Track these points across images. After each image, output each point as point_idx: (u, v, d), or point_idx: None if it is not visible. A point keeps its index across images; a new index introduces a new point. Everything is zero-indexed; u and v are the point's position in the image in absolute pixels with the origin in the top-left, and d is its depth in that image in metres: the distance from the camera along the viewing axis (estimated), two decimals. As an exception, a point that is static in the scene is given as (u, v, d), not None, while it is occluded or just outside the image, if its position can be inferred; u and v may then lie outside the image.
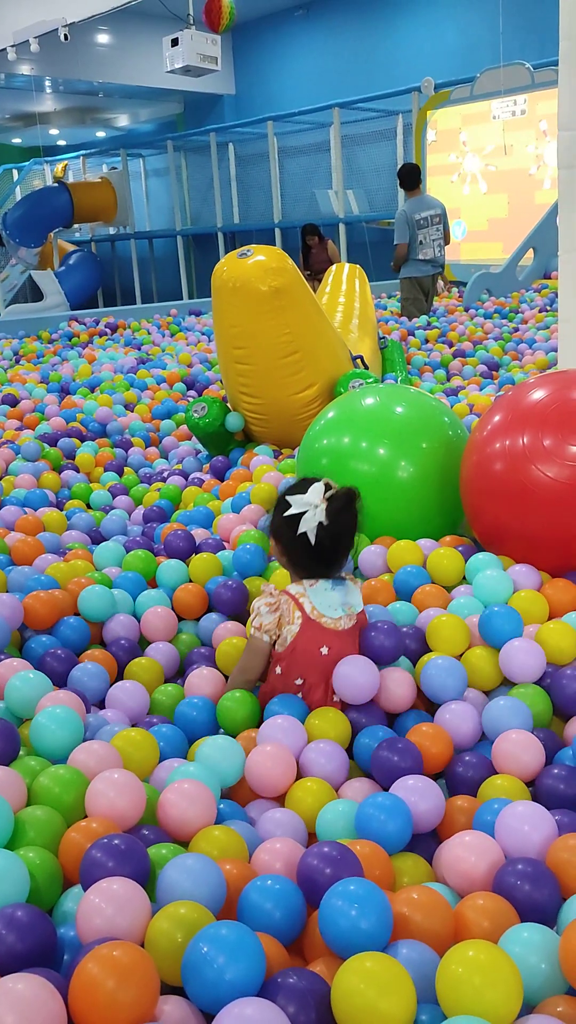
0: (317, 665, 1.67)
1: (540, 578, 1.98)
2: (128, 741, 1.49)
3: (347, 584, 1.74)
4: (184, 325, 8.02)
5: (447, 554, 2.09)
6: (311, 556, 1.68)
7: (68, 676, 1.81)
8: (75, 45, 9.75)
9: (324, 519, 1.65)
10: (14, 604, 1.91)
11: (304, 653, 1.67)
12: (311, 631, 1.67)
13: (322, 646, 1.67)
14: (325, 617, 1.67)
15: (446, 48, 11.31)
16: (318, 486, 1.68)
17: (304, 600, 1.68)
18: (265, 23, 13.29)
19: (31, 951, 1.04)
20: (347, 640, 1.70)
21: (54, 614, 1.96)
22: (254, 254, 3.34)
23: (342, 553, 1.72)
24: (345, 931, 1.06)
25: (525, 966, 1.03)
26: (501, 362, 5.41)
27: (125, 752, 1.46)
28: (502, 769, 1.51)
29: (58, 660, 1.83)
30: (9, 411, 4.71)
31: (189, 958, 1.00)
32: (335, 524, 1.66)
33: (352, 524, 1.70)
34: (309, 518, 1.65)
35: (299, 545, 1.67)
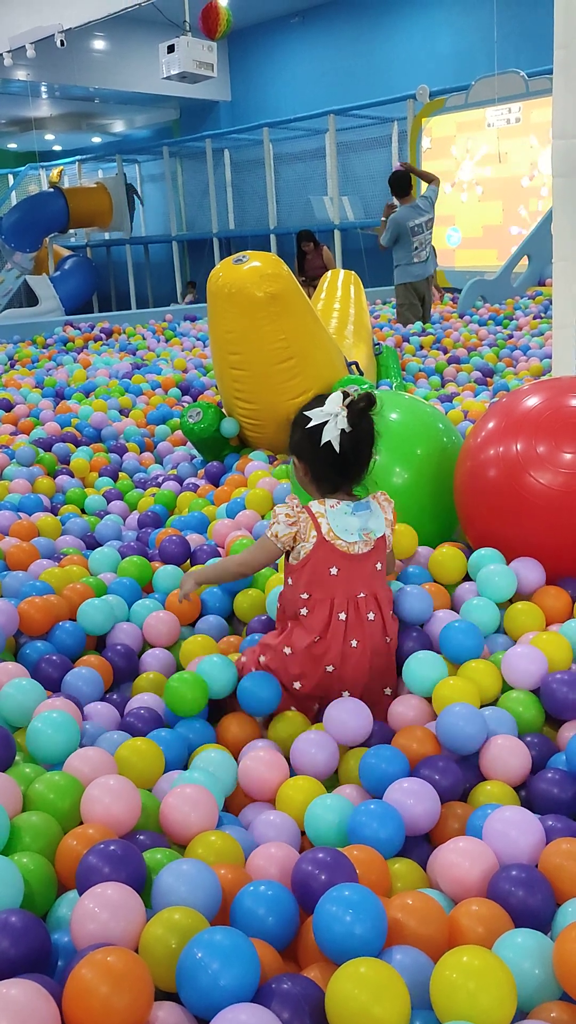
0: (324, 583, 1.71)
1: (543, 573, 1.99)
2: (133, 751, 1.49)
3: (371, 509, 1.76)
4: (179, 331, 8.02)
5: (450, 553, 2.09)
6: (335, 467, 1.71)
7: (62, 681, 1.80)
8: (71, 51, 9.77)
9: (346, 426, 1.67)
10: (9, 610, 1.90)
11: (313, 571, 1.71)
12: (323, 551, 1.70)
13: (332, 566, 1.70)
14: (340, 540, 1.70)
15: (441, 56, 11.37)
16: (336, 395, 1.69)
17: (322, 520, 1.71)
18: (261, 30, 13.34)
19: (25, 956, 1.03)
20: (359, 563, 1.72)
21: (49, 620, 1.96)
22: (249, 260, 3.35)
23: (364, 461, 1.74)
24: (339, 937, 1.06)
25: (519, 972, 1.03)
26: (495, 369, 5.43)
27: (129, 762, 1.47)
28: (490, 775, 1.52)
29: (53, 666, 1.83)
30: (4, 416, 4.71)
31: (183, 964, 1.00)
32: (357, 430, 1.68)
33: (372, 429, 1.72)
34: (331, 427, 1.67)
35: (322, 457, 1.69)
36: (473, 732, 1.53)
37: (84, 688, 1.78)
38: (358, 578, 1.73)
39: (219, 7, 7.83)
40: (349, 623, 1.72)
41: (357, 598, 1.73)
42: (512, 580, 1.94)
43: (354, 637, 1.72)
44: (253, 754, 1.56)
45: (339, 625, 1.71)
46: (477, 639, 1.78)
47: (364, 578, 1.73)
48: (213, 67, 8.09)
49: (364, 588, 1.73)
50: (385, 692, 1.80)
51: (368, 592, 1.74)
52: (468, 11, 10.86)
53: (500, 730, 1.58)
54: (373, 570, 1.75)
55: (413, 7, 11.64)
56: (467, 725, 1.53)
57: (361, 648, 1.72)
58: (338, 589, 1.71)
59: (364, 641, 1.73)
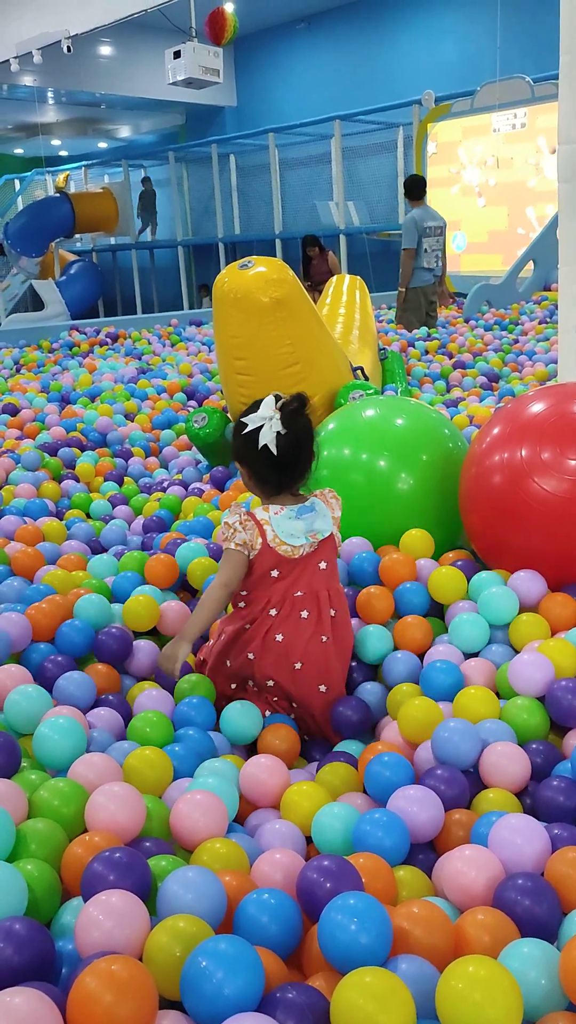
0: (264, 585, 1.77)
1: (544, 584, 1.98)
2: (142, 759, 1.48)
3: (315, 509, 1.80)
4: (185, 335, 8.03)
5: (448, 573, 2.08)
6: (275, 468, 1.76)
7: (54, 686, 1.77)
8: (78, 57, 9.80)
9: (281, 428, 1.72)
10: (21, 622, 1.90)
11: (255, 573, 1.77)
12: (267, 556, 1.76)
13: (272, 570, 1.77)
14: (285, 545, 1.76)
15: (447, 61, 11.38)
16: (269, 399, 1.75)
17: (267, 528, 1.76)
18: (267, 36, 13.38)
19: (29, 964, 1.03)
20: (302, 564, 1.77)
21: (54, 624, 1.96)
22: (255, 265, 3.36)
23: (304, 461, 1.78)
24: (344, 945, 1.05)
25: (525, 981, 1.03)
26: (501, 374, 5.42)
27: (138, 770, 1.46)
28: (490, 782, 1.52)
29: (58, 666, 1.82)
30: (9, 420, 4.72)
31: (188, 972, 1.00)
32: (292, 431, 1.73)
33: (309, 429, 1.77)
34: (267, 431, 1.72)
35: (262, 460, 1.74)
36: (468, 748, 1.54)
37: (76, 692, 1.74)
38: (299, 578, 1.77)
39: (225, 13, 7.86)
40: (278, 619, 1.77)
41: (294, 596, 1.77)
42: (514, 603, 1.93)
43: (280, 632, 1.77)
44: (254, 760, 1.56)
45: (266, 619, 1.77)
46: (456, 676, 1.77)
47: (305, 577, 1.78)
48: (219, 73, 8.11)
49: (304, 587, 1.78)
50: (319, 688, 1.80)
51: (307, 590, 1.78)
52: (474, 17, 10.88)
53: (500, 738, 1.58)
54: (316, 569, 1.79)
55: (418, 13, 11.66)
56: (462, 741, 1.54)
57: (285, 644, 1.76)
58: (275, 589, 1.77)
59: (288, 637, 1.76)
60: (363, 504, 2.31)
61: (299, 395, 1.76)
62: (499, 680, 1.80)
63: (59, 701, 1.73)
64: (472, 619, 1.92)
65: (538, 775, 1.55)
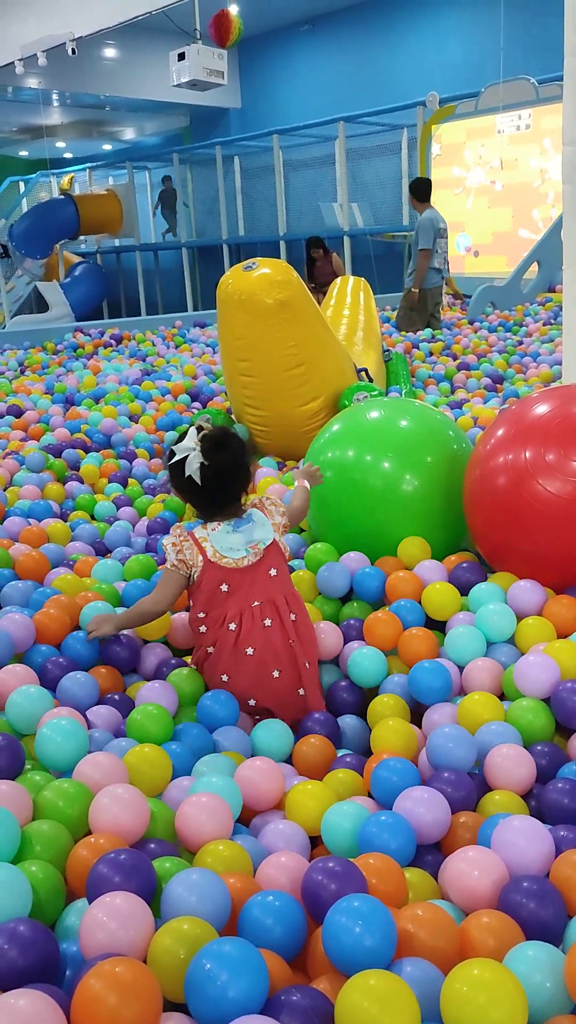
0: (217, 601, 1.80)
1: (545, 595, 1.97)
2: (141, 757, 1.48)
3: (253, 521, 1.85)
4: (189, 337, 8.04)
5: (442, 588, 2.07)
6: (202, 497, 1.83)
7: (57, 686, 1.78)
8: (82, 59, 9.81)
9: (203, 459, 1.78)
10: (26, 624, 1.90)
11: (206, 590, 1.81)
12: (212, 571, 1.80)
13: (222, 584, 1.80)
14: (226, 558, 1.80)
15: (451, 63, 11.37)
16: (192, 430, 1.82)
17: (206, 544, 1.81)
18: (271, 38, 13.38)
19: (33, 966, 1.03)
20: (250, 574, 1.81)
21: (64, 630, 1.96)
22: (259, 267, 3.36)
23: (233, 489, 1.84)
24: (349, 948, 1.05)
25: (530, 985, 1.02)
26: (505, 375, 5.42)
27: (138, 768, 1.46)
28: (496, 784, 1.51)
29: (60, 669, 1.83)
30: (14, 422, 4.72)
31: (192, 975, 1.00)
32: (213, 463, 1.78)
33: (233, 460, 1.82)
34: (191, 461, 1.79)
35: (189, 488, 1.81)
36: (463, 754, 1.54)
37: (79, 693, 1.75)
38: (251, 588, 1.80)
39: (230, 15, 7.86)
40: (242, 633, 1.78)
41: (252, 607, 1.79)
42: (511, 620, 1.92)
43: (249, 646, 1.78)
44: (249, 763, 1.56)
45: (230, 636, 1.78)
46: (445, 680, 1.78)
47: (258, 587, 1.80)
48: (223, 75, 8.10)
49: (259, 596, 1.80)
50: (299, 692, 1.83)
51: (264, 599, 1.80)
52: (477, 18, 10.86)
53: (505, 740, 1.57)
54: (267, 577, 1.82)
55: (423, 14, 11.66)
56: (457, 747, 1.54)
57: (258, 656, 1.78)
58: (230, 603, 1.79)
59: (259, 649, 1.78)
60: (368, 506, 2.30)
61: (221, 428, 1.84)
62: (505, 682, 1.79)
63: (62, 702, 1.73)
64: (468, 632, 1.90)
65: (543, 777, 1.55)
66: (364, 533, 2.31)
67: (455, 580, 2.17)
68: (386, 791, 1.47)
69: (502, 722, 1.63)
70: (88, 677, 1.78)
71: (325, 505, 2.40)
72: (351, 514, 2.33)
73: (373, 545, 2.29)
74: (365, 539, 2.31)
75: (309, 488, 2.17)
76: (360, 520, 2.32)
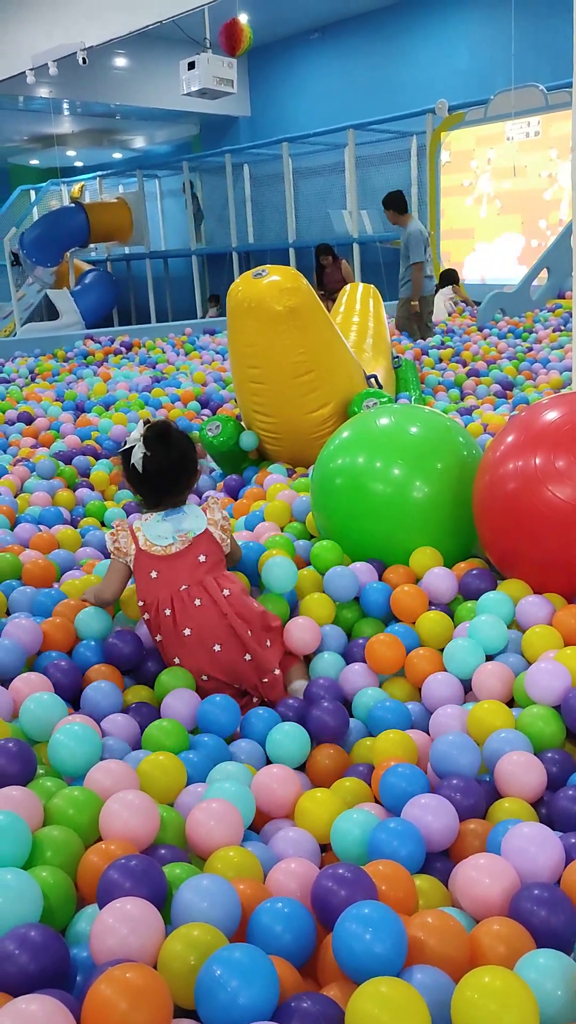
0: (149, 589, 1.90)
1: (552, 609, 1.96)
2: (155, 765, 1.49)
3: (184, 512, 1.97)
4: (199, 344, 8.06)
5: (434, 617, 2.05)
6: (144, 485, 1.95)
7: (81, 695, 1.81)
8: (93, 68, 9.86)
9: (146, 450, 1.90)
10: (33, 629, 1.91)
11: (139, 579, 1.92)
12: (143, 559, 1.92)
13: (151, 571, 1.90)
14: (155, 546, 1.91)
15: (460, 70, 11.40)
16: (140, 423, 1.95)
17: (139, 534, 1.93)
18: (281, 46, 13.43)
19: (44, 972, 1.03)
20: (178, 560, 1.91)
21: (71, 640, 1.98)
22: (269, 274, 3.37)
23: (172, 481, 1.95)
24: (359, 955, 1.05)
25: (541, 992, 1.02)
26: (515, 382, 5.42)
27: (151, 775, 1.47)
28: (505, 792, 1.51)
29: (62, 672, 1.83)
30: (24, 429, 4.75)
31: (202, 981, 1.00)
32: (156, 454, 1.90)
33: (174, 453, 1.93)
34: (136, 452, 1.91)
35: (133, 476, 1.94)
36: (466, 762, 1.53)
37: (102, 702, 1.78)
38: (178, 574, 1.90)
39: (241, 24, 7.90)
40: (176, 615, 1.88)
41: (180, 591, 1.89)
42: (502, 632, 1.91)
43: (186, 627, 1.88)
44: (266, 770, 1.56)
45: (167, 621, 1.88)
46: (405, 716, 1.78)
47: (186, 571, 1.90)
48: (233, 83, 8.15)
49: (187, 580, 1.90)
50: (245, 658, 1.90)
51: (191, 582, 1.90)
52: (487, 25, 10.89)
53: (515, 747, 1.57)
54: (195, 562, 1.92)
55: (431, 22, 11.69)
56: (461, 755, 1.53)
57: (196, 635, 1.88)
58: (160, 589, 1.89)
59: (196, 627, 1.88)
60: (378, 512, 2.30)
61: (162, 422, 1.96)
62: (516, 689, 1.79)
63: (86, 711, 1.75)
64: (467, 645, 1.89)
65: (554, 784, 1.54)
66: (374, 540, 2.31)
67: (464, 587, 2.16)
68: (395, 798, 1.47)
69: (512, 729, 1.62)
70: (111, 686, 1.80)
71: (335, 512, 2.40)
72: (361, 521, 2.33)
73: (383, 552, 2.29)
74: (375, 546, 2.31)
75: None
76: (370, 527, 2.32)
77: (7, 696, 1.69)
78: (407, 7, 11.86)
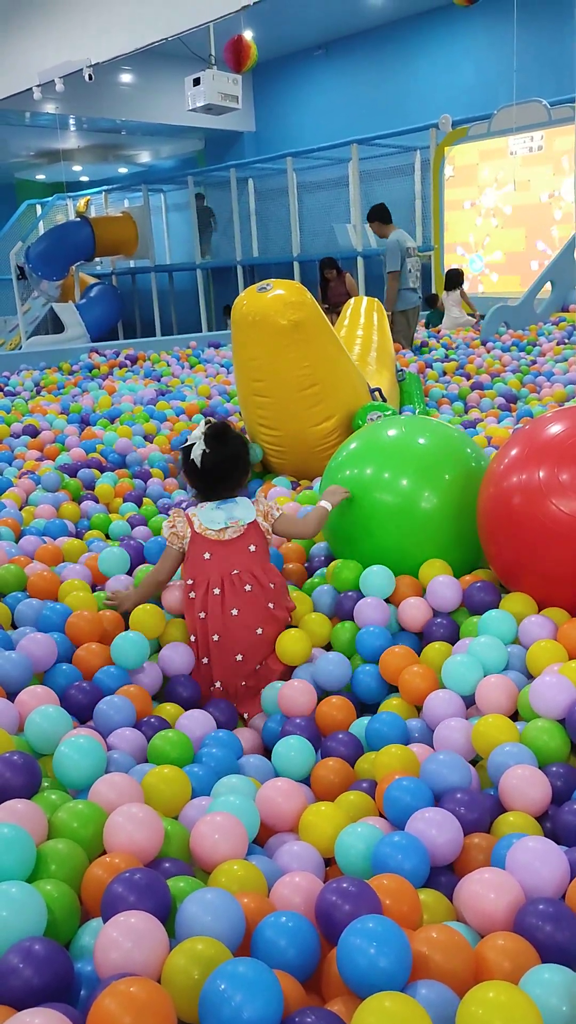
0: (200, 567, 2.09)
1: (554, 627, 1.96)
2: (160, 778, 1.49)
3: (237, 502, 2.16)
4: (203, 357, 8.09)
5: (438, 647, 2.04)
6: (201, 479, 2.16)
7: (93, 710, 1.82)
8: (99, 84, 9.93)
9: (205, 447, 2.11)
10: (47, 643, 1.92)
11: (191, 559, 2.11)
12: (197, 542, 2.11)
13: (204, 552, 2.09)
14: (209, 530, 2.11)
15: (463, 85, 11.46)
16: (201, 423, 2.17)
17: (195, 519, 2.13)
18: (285, 62, 13.53)
19: (48, 985, 1.03)
20: (231, 546, 2.10)
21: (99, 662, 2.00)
22: (273, 288, 3.38)
23: (227, 475, 2.16)
24: (363, 970, 1.05)
25: (546, 1008, 1.02)
26: (519, 395, 5.42)
27: (156, 788, 1.47)
28: (510, 806, 1.50)
29: (83, 693, 1.84)
30: (30, 442, 4.76)
31: (206, 995, 0.99)
32: (213, 451, 2.12)
33: (230, 451, 2.15)
34: (196, 449, 2.13)
35: (192, 471, 2.16)
36: (457, 781, 1.53)
37: (115, 716, 1.79)
38: (231, 558, 2.09)
39: (246, 41, 7.96)
40: (225, 596, 2.06)
41: (232, 575, 2.07)
42: (502, 653, 1.90)
43: (234, 607, 2.06)
44: (271, 783, 1.55)
45: (216, 599, 2.05)
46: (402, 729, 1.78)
47: (238, 557, 2.09)
48: (238, 99, 8.20)
49: (238, 566, 2.09)
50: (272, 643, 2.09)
51: (242, 569, 2.09)
52: (490, 41, 10.96)
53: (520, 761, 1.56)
54: (246, 551, 2.11)
55: (435, 38, 11.77)
56: (451, 774, 1.53)
57: (242, 616, 2.06)
58: (212, 570, 2.08)
59: (243, 608, 2.07)
60: (386, 523, 2.31)
61: (221, 422, 2.19)
62: (520, 702, 1.79)
63: (96, 725, 1.76)
64: (466, 661, 1.89)
65: (559, 798, 1.54)
66: (382, 550, 2.31)
67: (468, 599, 2.16)
68: (399, 812, 1.46)
69: (517, 743, 1.62)
70: (124, 700, 1.81)
71: (343, 522, 2.40)
72: (369, 531, 2.33)
73: (391, 562, 2.29)
74: (383, 556, 2.31)
75: (329, 508, 2.30)
76: (378, 537, 2.32)
77: (13, 709, 1.70)
78: (410, 23, 11.95)
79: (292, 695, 1.93)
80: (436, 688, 1.90)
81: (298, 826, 1.51)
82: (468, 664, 1.87)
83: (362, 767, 1.74)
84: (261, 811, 1.52)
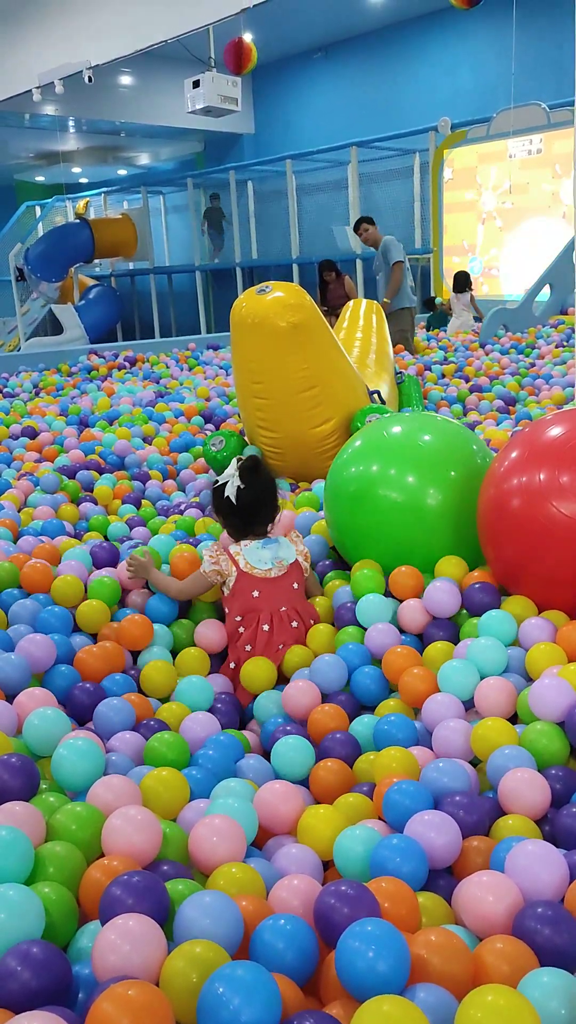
0: (250, 605, 2.15)
1: (554, 630, 1.96)
2: (158, 780, 1.48)
3: (280, 542, 2.22)
4: (202, 359, 8.09)
5: (440, 647, 2.04)
6: (238, 515, 2.20)
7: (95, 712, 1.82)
8: (98, 86, 9.94)
9: (241, 483, 2.16)
10: (46, 644, 1.91)
11: (239, 596, 2.16)
12: (244, 580, 2.15)
13: (253, 590, 2.15)
14: (256, 569, 2.16)
15: (463, 88, 11.49)
16: (234, 461, 2.22)
17: (239, 557, 2.17)
18: (284, 65, 13.55)
19: (45, 988, 1.03)
20: (278, 584, 2.17)
21: (106, 668, 2.00)
22: (272, 290, 3.39)
23: (263, 511, 2.21)
24: (362, 973, 1.04)
25: (545, 1012, 1.01)
26: (518, 397, 5.43)
27: (154, 791, 1.46)
28: (509, 809, 1.50)
29: (86, 694, 1.84)
30: (28, 443, 4.76)
31: (205, 998, 0.99)
32: (250, 486, 2.18)
33: (265, 485, 2.21)
34: (231, 486, 2.17)
35: (227, 508, 2.19)
36: (456, 788, 1.52)
37: (115, 718, 1.79)
38: (279, 596, 2.15)
39: (247, 44, 7.97)
40: (274, 632, 2.12)
41: (280, 612, 2.14)
42: (502, 655, 1.89)
43: (281, 642, 2.13)
44: (268, 786, 1.55)
45: (264, 635, 2.12)
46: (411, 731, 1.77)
47: (284, 595, 2.17)
48: (237, 101, 8.21)
49: (285, 603, 2.16)
50: None
51: (289, 606, 2.17)
52: (489, 44, 10.98)
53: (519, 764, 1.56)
54: (291, 589, 2.18)
55: (434, 41, 11.79)
56: (452, 781, 1.52)
57: (286, 650, 2.13)
58: (262, 607, 2.14)
59: (288, 643, 2.14)
60: (391, 520, 2.30)
61: (252, 457, 2.24)
62: (520, 705, 1.78)
63: (96, 727, 1.75)
64: (462, 667, 1.88)
65: (558, 801, 1.54)
66: (387, 548, 2.31)
67: (468, 600, 2.16)
68: (398, 814, 1.46)
69: (516, 746, 1.62)
70: (123, 702, 1.80)
71: (349, 520, 2.40)
72: (374, 528, 2.33)
73: (396, 560, 2.28)
74: (388, 554, 2.30)
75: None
76: (383, 535, 2.32)
77: (11, 711, 1.69)
78: (410, 26, 11.97)
79: (295, 695, 1.92)
80: (435, 691, 1.89)
81: (296, 829, 1.51)
82: (464, 670, 1.86)
83: (361, 767, 1.74)
84: (259, 813, 1.51)
